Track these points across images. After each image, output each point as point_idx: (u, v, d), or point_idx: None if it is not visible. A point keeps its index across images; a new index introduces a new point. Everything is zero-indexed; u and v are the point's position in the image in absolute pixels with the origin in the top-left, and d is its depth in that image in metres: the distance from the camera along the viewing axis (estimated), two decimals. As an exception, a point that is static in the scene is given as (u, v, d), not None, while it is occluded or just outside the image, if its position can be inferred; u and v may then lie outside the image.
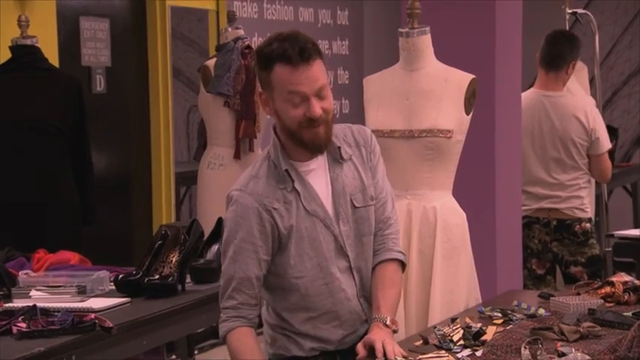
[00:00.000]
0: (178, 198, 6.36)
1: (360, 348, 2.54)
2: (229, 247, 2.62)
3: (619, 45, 8.50)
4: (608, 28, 8.53)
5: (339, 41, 7.47)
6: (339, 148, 2.67)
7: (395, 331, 2.61)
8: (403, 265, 2.76)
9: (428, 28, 3.42)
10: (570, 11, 5.68)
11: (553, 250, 4.78)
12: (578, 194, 4.76)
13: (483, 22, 3.93)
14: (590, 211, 4.85)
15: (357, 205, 2.67)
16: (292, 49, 2.51)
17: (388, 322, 2.60)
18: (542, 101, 4.81)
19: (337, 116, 7.49)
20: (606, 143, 4.81)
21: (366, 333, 2.63)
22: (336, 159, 2.67)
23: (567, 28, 5.61)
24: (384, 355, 2.47)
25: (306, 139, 2.57)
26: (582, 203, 4.77)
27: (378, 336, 2.54)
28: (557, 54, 4.81)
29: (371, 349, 2.52)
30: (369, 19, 7.75)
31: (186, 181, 6.30)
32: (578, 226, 4.74)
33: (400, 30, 3.43)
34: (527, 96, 4.74)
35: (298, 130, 2.55)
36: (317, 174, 2.64)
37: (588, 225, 4.77)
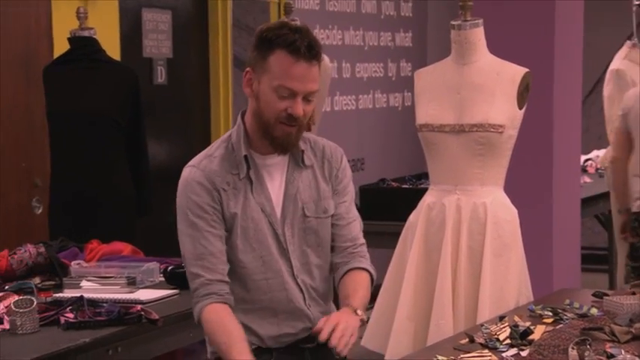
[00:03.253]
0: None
1: (321, 321, 2.41)
2: (183, 224, 2.54)
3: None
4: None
5: (402, 33, 7.41)
6: (302, 151, 2.58)
7: (363, 322, 2.46)
8: (372, 279, 2.61)
9: (481, 21, 3.36)
10: (637, 2, 5.54)
11: None
12: None
13: (542, 14, 3.86)
14: None
15: (307, 214, 2.56)
16: (301, 41, 2.44)
17: (359, 312, 2.46)
18: None
19: (399, 109, 7.44)
20: None
21: (307, 337, 2.54)
22: (297, 163, 2.57)
23: (635, 21, 5.48)
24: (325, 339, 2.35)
25: (276, 134, 2.49)
26: None
27: (340, 317, 2.40)
28: None
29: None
30: (433, 10, 7.68)
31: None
32: None
33: (452, 22, 3.39)
34: None
35: (274, 122, 2.48)
36: (273, 170, 2.56)
37: None
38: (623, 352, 2.45)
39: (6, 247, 3.41)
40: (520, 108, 3.36)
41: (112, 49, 4.82)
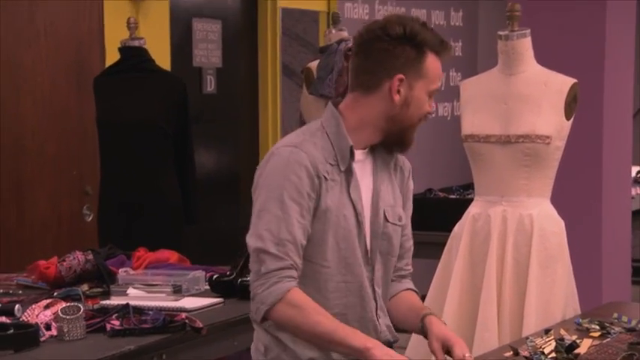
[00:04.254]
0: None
1: (437, 345, 2.28)
2: (273, 203, 2.25)
3: None
4: None
5: (453, 43, 7.39)
6: (397, 156, 2.46)
7: None
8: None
9: (528, 31, 3.34)
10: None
11: None
12: None
13: (592, 23, 3.82)
14: None
15: (388, 219, 2.41)
16: (444, 41, 2.34)
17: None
18: None
19: (448, 118, 7.41)
20: None
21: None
22: (385, 165, 2.43)
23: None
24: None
25: (411, 135, 2.37)
26: None
27: (454, 336, 2.29)
28: None
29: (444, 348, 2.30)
30: (483, 20, 7.64)
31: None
32: None
33: (499, 33, 3.37)
34: None
35: (415, 125, 2.35)
36: (363, 167, 2.39)
37: None
38: (670, 367, 2.41)
39: (58, 254, 3.46)
40: (568, 119, 3.33)
41: (163, 58, 4.87)
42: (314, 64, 4.66)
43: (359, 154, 2.38)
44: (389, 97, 2.33)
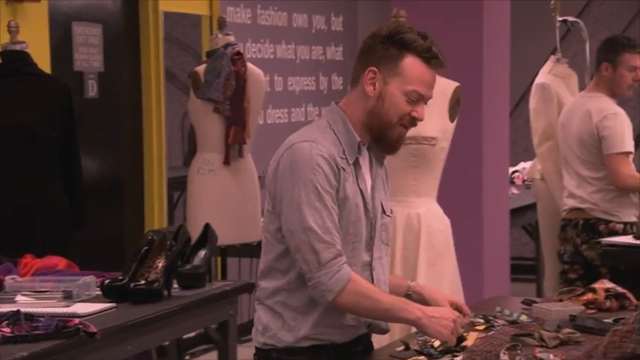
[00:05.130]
0: (172, 203, 6.37)
1: (448, 300, 2.65)
2: (312, 196, 2.44)
3: (613, 52, 8.50)
4: (603, 34, 8.51)
5: (334, 47, 7.49)
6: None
7: None
8: None
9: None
10: (560, 19, 5.70)
11: None
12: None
13: (470, 29, 3.96)
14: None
15: (385, 211, 2.63)
16: (436, 50, 2.52)
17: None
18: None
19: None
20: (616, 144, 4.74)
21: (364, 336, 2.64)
22: (379, 160, 2.63)
23: (558, 36, 5.64)
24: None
25: (392, 135, 2.53)
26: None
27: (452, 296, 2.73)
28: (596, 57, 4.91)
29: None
30: (363, 24, 7.78)
31: (180, 186, 6.29)
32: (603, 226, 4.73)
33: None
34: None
35: (395, 124, 2.52)
36: (362, 162, 2.58)
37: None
38: (551, 356, 2.53)
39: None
40: (452, 121, 3.45)
41: (43, 62, 4.78)
42: (201, 68, 4.67)
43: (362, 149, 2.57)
44: (363, 88, 2.51)
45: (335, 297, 2.47)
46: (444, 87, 3.43)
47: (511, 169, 7.14)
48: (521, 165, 7.12)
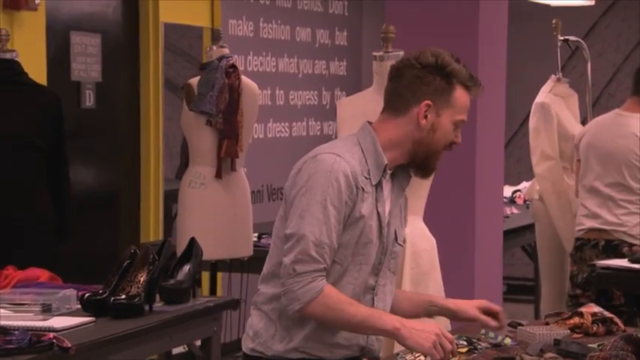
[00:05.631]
0: (170, 215, 6.33)
1: (479, 313, 2.68)
2: (317, 206, 2.46)
3: (620, 73, 8.47)
4: (610, 55, 8.50)
5: (337, 62, 7.46)
6: (410, 178, 2.66)
7: None
8: None
9: (402, 53, 3.40)
10: (562, 38, 5.66)
11: None
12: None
13: (465, 48, 3.90)
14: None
15: (397, 239, 2.64)
16: (475, 76, 2.58)
17: None
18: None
19: (333, 137, 7.46)
20: None
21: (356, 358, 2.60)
22: (401, 189, 2.64)
23: (559, 55, 5.60)
24: None
25: (435, 161, 2.59)
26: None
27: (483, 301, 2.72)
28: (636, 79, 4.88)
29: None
30: (367, 39, 7.75)
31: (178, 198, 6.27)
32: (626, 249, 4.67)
33: (374, 54, 3.43)
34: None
35: (440, 151, 2.57)
36: (385, 187, 2.59)
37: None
38: (532, 382, 2.48)
39: None
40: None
41: (39, 72, 4.76)
42: (194, 81, 4.64)
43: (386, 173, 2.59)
44: (416, 120, 2.54)
45: (302, 307, 2.46)
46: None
47: (513, 189, 7.10)
48: (523, 184, 7.08)
